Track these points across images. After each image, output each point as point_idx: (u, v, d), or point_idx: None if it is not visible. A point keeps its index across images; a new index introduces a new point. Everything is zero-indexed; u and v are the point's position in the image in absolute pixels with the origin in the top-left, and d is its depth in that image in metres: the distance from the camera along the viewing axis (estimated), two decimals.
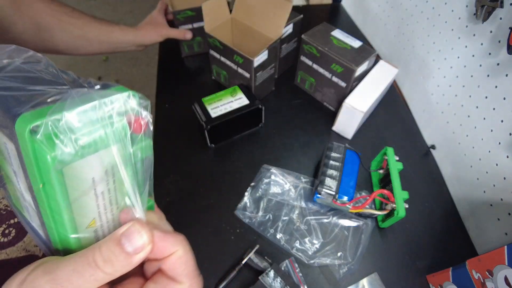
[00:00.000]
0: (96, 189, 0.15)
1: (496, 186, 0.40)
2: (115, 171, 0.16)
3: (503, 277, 0.30)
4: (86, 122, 0.14)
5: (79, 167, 0.14)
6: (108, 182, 0.16)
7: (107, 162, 0.15)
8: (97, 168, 0.15)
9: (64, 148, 0.13)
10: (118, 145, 0.15)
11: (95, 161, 0.15)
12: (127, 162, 0.16)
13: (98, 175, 0.15)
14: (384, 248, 0.44)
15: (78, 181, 0.15)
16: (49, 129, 0.13)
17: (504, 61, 0.38)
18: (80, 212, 0.15)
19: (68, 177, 0.14)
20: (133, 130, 0.16)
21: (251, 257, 0.40)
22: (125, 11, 2.04)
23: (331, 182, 0.42)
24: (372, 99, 0.51)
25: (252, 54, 0.50)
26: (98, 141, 0.14)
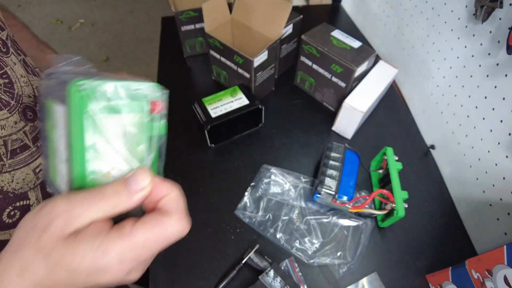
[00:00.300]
0: (114, 144, 0.20)
1: (495, 186, 0.40)
2: (132, 135, 0.20)
3: (503, 277, 0.30)
4: (117, 91, 0.19)
5: (106, 120, 0.19)
6: (126, 143, 0.20)
7: (127, 125, 0.20)
8: (118, 127, 0.20)
9: (98, 103, 0.18)
10: (138, 114, 0.20)
11: (118, 120, 0.20)
12: (143, 130, 0.21)
13: (119, 132, 0.20)
14: (383, 248, 0.44)
15: (104, 131, 0.19)
16: (91, 88, 0.18)
17: (503, 61, 0.38)
18: (100, 160, 0.19)
19: (97, 125, 0.19)
20: (151, 109, 0.21)
21: (251, 257, 0.40)
22: (126, 11, 2.04)
23: (330, 182, 0.43)
24: (372, 99, 0.51)
25: (252, 55, 0.50)
26: (123, 106, 0.19)
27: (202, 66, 0.67)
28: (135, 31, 1.90)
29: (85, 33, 1.88)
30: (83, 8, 2.03)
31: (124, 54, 1.76)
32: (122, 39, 1.85)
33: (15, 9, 2.02)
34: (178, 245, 0.43)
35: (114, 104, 0.19)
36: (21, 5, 2.05)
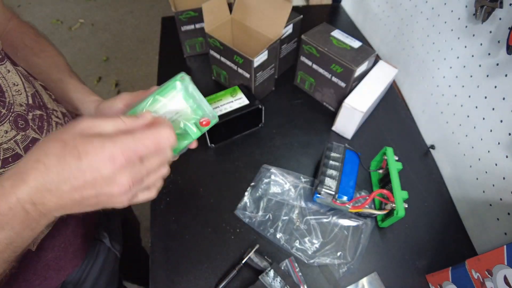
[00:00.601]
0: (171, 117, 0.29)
1: (495, 186, 0.40)
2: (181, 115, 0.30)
3: (503, 277, 0.30)
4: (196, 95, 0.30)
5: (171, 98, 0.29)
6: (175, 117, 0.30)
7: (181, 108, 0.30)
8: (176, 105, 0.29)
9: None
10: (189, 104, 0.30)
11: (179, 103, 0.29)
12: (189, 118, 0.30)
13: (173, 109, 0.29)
14: (383, 248, 0.44)
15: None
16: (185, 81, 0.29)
17: (503, 61, 0.38)
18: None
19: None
20: (202, 123, 0.31)
21: (251, 257, 0.40)
22: (126, 11, 2.04)
23: (330, 182, 0.43)
24: (372, 99, 0.51)
25: (252, 55, 0.50)
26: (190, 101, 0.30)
27: (202, 66, 0.67)
28: (135, 31, 1.90)
29: (85, 33, 1.88)
30: (83, 8, 2.03)
31: (124, 54, 1.76)
32: (122, 39, 1.85)
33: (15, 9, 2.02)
34: (178, 245, 0.43)
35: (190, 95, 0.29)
36: (21, 5, 2.05)
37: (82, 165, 0.21)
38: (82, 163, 0.21)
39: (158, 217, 0.45)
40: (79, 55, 1.75)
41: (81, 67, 1.68)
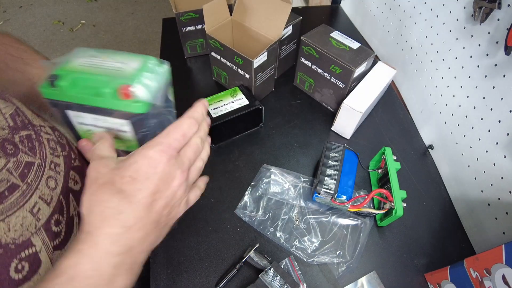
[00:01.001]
0: None
1: (493, 185, 0.40)
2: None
3: (501, 276, 0.30)
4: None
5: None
6: None
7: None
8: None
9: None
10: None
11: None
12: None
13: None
14: (382, 247, 0.44)
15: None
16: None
17: (501, 62, 0.38)
18: None
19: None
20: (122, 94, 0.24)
21: (251, 256, 0.40)
22: (127, 12, 2.05)
23: (330, 181, 0.43)
24: (370, 99, 0.51)
25: (252, 55, 0.50)
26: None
27: (202, 67, 0.68)
28: (136, 32, 1.91)
29: (87, 34, 1.89)
30: (84, 9, 2.04)
31: None
32: (123, 40, 1.86)
33: (16, 10, 2.03)
34: (179, 244, 0.43)
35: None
36: (23, 6, 2.06)
37: (140, 185, 0.22)
38: (138, 183, 0.22)
39: None
40: None
41: None
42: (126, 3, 2.10)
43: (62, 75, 0.24)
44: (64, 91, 0.24)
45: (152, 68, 0.25)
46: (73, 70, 0.24)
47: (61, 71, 0.24)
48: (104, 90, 0.23)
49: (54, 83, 0.24)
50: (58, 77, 0.24)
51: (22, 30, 1.90)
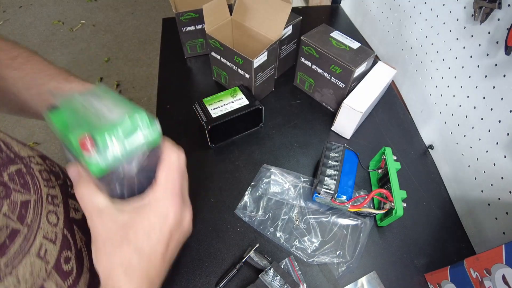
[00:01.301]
0: None
1: (493, 185, 0.40)
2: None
3: (501, 276, 0.30)
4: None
5: None
6: None
7: None
8: None
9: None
10: None
11: None
12: None
13: None
14: (382, 247, 0.44)
15: None
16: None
17: (501, 62, 0.38)
18: None
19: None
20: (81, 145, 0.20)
21: (251, 256, 0.40)
22: (127, 12, 2.05)
23: (330, 181, 0.43)
24: (371, 99, 0.51)
25: (252, 55, 0.50)
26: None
27: (202, 67, 0.68)
28: (136, 32, 1.91)
29: (87, 34, 1.89)
30: (84, 9, 2.04)
31: (125, 55, 1.77)
32: (123, 40, 1.86)
33: (16, 10, 2.03)
34: None
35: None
36: (22, 6, 2.06)
37: (155, 239, 0.22)
38: (154, 238, 0.22)
39: None
40: (80, 56, 1.76)
41: (82, 68, 1.69)
42: (126, 3, 2.10)
43: (63, 105, 0.22)
44: (56, 119, 0.22)
45: (136, 125, 0.21)
46: (70, 103, 0.22)
47: (64, 102, 0.22)
48: (73, 131, 0.20)
49: (53, 110, 0.22)
50: (59, 106, 0.22)
51: (21, 30, 1.90)
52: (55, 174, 0.29)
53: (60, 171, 0.31)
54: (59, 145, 1.36)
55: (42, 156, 0.30)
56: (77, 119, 0.21)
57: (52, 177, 0.28)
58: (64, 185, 0.29)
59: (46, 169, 0.28)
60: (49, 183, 0.27)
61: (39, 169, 0.27)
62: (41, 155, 0.30)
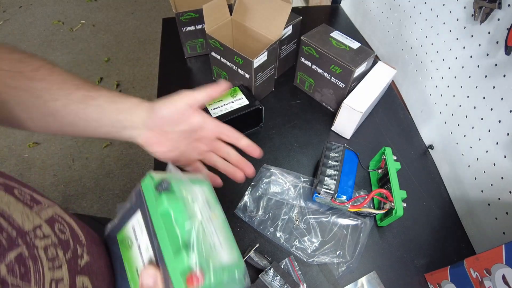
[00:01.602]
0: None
1: (493, 185, 0.40)
2: None
3: (501, 276, 0.30)
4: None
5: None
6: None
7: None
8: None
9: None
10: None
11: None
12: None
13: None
14: (382, 247, 0.44)
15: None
16: (168, 186, 0.22)
17: (501, 62, 0.38)
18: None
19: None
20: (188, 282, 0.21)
21: (251, 256, 0.40)
22: (127, 12, 2.05)
23: (330, 181, 0.43)
24: (371, 99, 0.51)
25: (252, 55, 0.50)
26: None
27: (202, 67, 0.68)
28: (136, 32, 1.91)
29: (87, 34, 1.89)
30: (84, 9, 2.04)
31: (125, 55, 1.77)
32: (123, 40, 1.86)
33: (16, 10, 2.03)
34: None
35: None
36: (22, 6, 2.06)
37: None
38: None
39: None
40: (80, 56, 1.76)
41: (82, 68, 1.69)
42: (126, 3, 2.10)
43: (172, 187, 0.23)
44: (157, 200, 0.22)
45: (238, 278, 0.23)
46: (177, 198, 0.23)
47: (173, 186, 0.23)
48: (176, 253, 0.20)
49: (161, 188, 0.22)
50: (169, 187, 0.23)
51: (21, 30, 1.90)
52: (64, 244, 0.25)
53: (71, 236, 0.26)
54: (59, 144, 1.36)
55: (51, 218, 0.25)
56: (183, 214, 0.22)
57: (60, 251, 0.24)
58: (73, 258, 0.25)
59: (54, 242, 0.24)
60: (54, 263, 0.23)
61: (45, 244, 0.23)
62: (51, 217, 0.25)
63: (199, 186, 0.26)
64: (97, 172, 1.28)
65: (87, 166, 1.29)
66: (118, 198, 1.21)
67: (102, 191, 1.23)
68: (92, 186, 1.24)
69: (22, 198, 0.23)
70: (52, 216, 0.26)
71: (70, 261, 0.24)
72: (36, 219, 0.24)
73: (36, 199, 0.25)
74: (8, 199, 0.22)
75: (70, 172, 1.28)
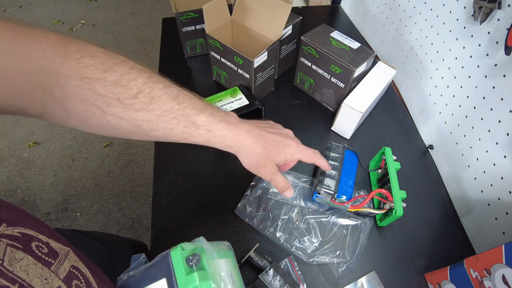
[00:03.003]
0: None
1: (493, 185, 0.40)
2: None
3: (501, 276, 0.30)
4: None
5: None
6: None
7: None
8: None
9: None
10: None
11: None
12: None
13: None
14: (382, 247, 0.44)
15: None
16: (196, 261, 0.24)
17: (501, 62, 0.38)
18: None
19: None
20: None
21: (251, 256, 0.40)
22: (127, 12, 2.05)
23: (330, 181, 0.43)
24: (370, 99, 0.51)
25: (252, 55, 0.50)
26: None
27: (202, 67, 0.68)
28: (136, 32, 1.91)
29: (86, 34, 1.89)
30: (84, 9, 2.04)
31: (125, 55, 1.77)
32: (123, 40, 1.86)
33: (16, 10, 2.03)
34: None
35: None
36: (22, 6, 2.06)
37: None
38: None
39: (159, 217, 0.46)
40: None
41: None
42: (126, 3, 2.10)
43: (203, 263, 0.24)
44: (188, 275, 0.23)
45: None
46: (206, 276, 0.24)
47: (203, 262, 0.24)
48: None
49: (192, 262, 0.23)
50: (200, 261, 0.24)
51: None
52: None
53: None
54: (59, 144, 1.36)
55: (69, 275, 0.23)
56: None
57: None
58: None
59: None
60: None
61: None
62: (67, 275, 0.23)
63: (225, 258, 0.27)
64: (97, 172, 1.28)
65: (87, 166, 1.29)
66: (118, 198, 1.21)
67: (102, 191, 1.23)
68: (92, 186, 1.24)
69: (40, 255, 0.21)
70: (69, 271, 0.23)
71: None
72: (55, 280, 0.22)
73: (53, 251, 0.22)
74: (27, 262, 0.20)
75: (70, 172, 1.28)
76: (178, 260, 0.24)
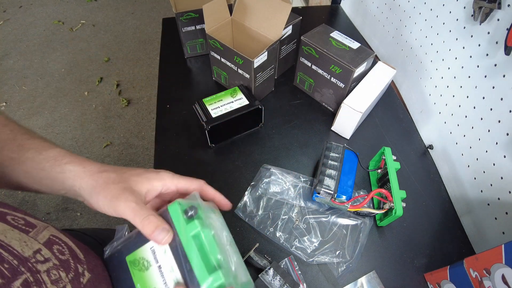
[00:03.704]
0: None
1: (493, 185, 0.40)
2: None
3: (500, 276, 0.30)
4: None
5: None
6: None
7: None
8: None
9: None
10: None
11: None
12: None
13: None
14: (382, 247, 0.44)
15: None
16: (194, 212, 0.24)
17: (501, 62, 0.38)
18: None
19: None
20: None
21: (251, 255, 0.40)
22: (127, 12, 2.05)
23: (329, 181, 0.43)
24: (370, 99, 0.51)
25: (252, 55, 0.50)
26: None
27: (202, 67, 0.68)
28: (136, 32, 1.91)
29: (87, 34, 1.89)
30: (84, 9, 2.04)
31: (125, 55, 1.77)
32: (123, 40, 1.86)
33: (16, 10, 2.03)
34: None
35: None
36: (22, 6, 2.06)
37: None
38: None
39: None
40: (80, 55, 1.76)
41: (82, 68, 1.69)
42: (126, 3, 2.10)
43: (199, 214, 0.24)
44: (189, 224, 0.23)
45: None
46: (206, 224, 0.24)
47: (200, 213, 0.24)
48: (210, 273, 0.22)
49: (190, 214, 0.24)
50: (197, 213, 0.24)
51: (22, 30, 1.90)
52: (65, 265, 0.25)
53: (70, 255, 0.26)
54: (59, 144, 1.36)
55: (48, 241, 0.25)
56: (212, 238, 0.23)
57: (62, 273, 0.24)
58: (75, 277, 0.25)
59: (55, 264, 0.24)
60: (58, 285, 0.23)
61: (47, 268, 0.23)
62: (48, 239, 0.25)
63: (213, 213, 0.28)
64: None
65: None
66: None
67: None
68: None
69: (16, 224, 0.23)
70: (49, 238, 0.25)
71: (73, 280, 0.25)
72: (34, 243, 0.23)
73: (30, 223, 0.24)
74: (3, 228, 0.22)
75: None
76: (176, 213, 0.24)
